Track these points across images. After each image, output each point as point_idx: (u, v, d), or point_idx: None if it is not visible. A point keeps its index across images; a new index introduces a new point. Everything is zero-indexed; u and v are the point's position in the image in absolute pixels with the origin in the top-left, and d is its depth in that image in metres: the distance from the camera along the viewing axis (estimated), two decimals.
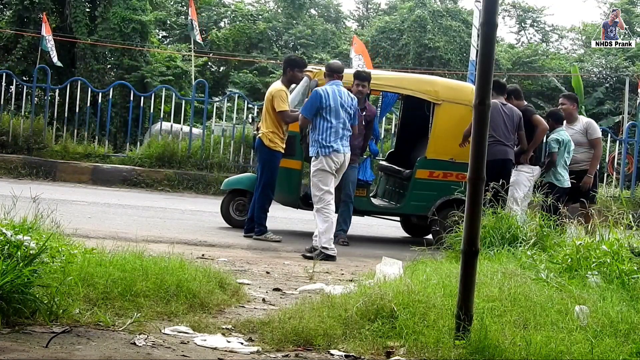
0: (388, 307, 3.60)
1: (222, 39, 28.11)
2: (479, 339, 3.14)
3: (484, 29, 3.28)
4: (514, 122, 7.47)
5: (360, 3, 36.68)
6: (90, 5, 21.43)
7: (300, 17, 30.41)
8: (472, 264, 3.29)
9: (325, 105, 6.55)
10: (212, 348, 3.29)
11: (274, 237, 7.25)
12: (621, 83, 24.76)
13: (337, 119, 6.59)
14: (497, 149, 7.26)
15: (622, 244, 4.77)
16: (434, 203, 7.75)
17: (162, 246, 5.68)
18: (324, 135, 6.58)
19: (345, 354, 3.29)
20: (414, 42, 26.44)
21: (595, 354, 3.15)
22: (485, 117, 3.28)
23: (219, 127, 14.26)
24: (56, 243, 3.98)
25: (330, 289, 4.62)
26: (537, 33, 36.43)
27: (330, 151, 6.56)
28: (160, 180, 12.04)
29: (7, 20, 20.70)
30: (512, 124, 7.45)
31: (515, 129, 7.51)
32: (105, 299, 3.66)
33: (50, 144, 12.68)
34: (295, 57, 7.74)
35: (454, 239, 5.76)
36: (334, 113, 6.58)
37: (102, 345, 3.09)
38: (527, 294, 3.87)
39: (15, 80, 13.64)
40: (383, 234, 9.01)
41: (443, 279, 4.26)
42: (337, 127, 6.60)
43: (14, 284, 3.17)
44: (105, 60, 21.13)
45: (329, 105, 6.55)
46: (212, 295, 4.08)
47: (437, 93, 7.91)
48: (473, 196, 3.26)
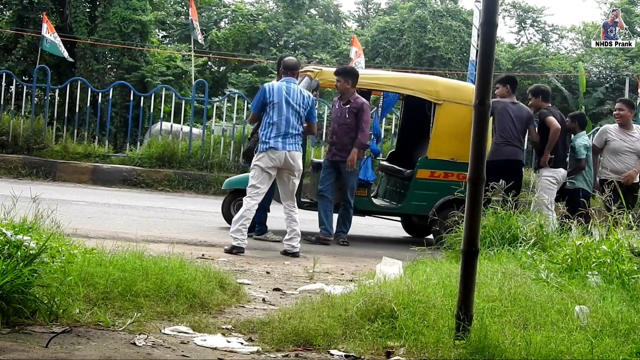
0: (388, 307, 3.60)
1: (222, 38, 28.11)
2: (479, 339, 3.14)
3: (484, 28, 3.28)
4: (523, 122, 7.48)
5: (360, 3, 36.67)
6: (90, 5, 21.43)
7: (300, 17, 30.40)
8: (472, 264, 3.29)
9: (269, 101, 6.48)
10: (212, 348, 3.29)
11: (274, 237, 7.26)
12: (621, 83, 24.75)
13: (280, 115, 6.45)
14: (508, 149, 7.27)
15: (622, 244, 4.76)
16: (434, 203, 7.75)
17: (162, 246, 5.68)
18: (265, 131, 6.50)
19: (345, 354, 3.29)
20: (414, 42, 26.43)
21: (595, 354, 3.15)
22: (485, 117, 3.28)
23: (219, 127, 14.26)
24: (56, 243, 3.98)
25: (330, 289, 4.62)
26: (537, 33, 36.43)
27: (267, 147, 6.42)
28: (160, 180, 12.04)
29: (7, 20, 20.70)
30: (522, 123, 7.46)
31: (525, 128, 7.53)
32: (105, 299, 3.66)
33: (50, 144, 12.68)
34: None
35: (454, 239, 5.76)
36: (277, 109, 6.45)
37: (102, 345, 3.09)
38: (527, 294, 3.87)
39: (15, 80, 13.64)
40: (383, 234, 9.01)
41: (443, 279, 4.26)
42: (280, 124, 6.45)
43: (14, 284, 3.17)
44: (105, 60, 21.13)
45: (272, 100, 6.46)
46: (212, 295, 4.08)
47: (438, 93, 7.91)
48: (473, 196, 3.26)
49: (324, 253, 6.87)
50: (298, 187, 7.70)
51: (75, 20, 20.08)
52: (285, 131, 6.46)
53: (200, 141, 12.83)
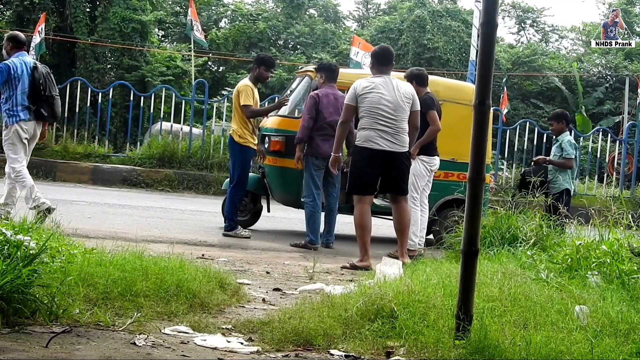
0: (388, 307, 3.60)
1: (222, 38, 28.12)
2: (479, 339, 3.14)
3: (484, 28, 3.28)
4: None
5: (360, 3, 36.67)
6: (90, 5, 21.43)
7: (300, 17, 30.41)
8: (472, 264, 3.29)
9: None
10: (212, 348, 3.29)
11: (243, 233, 7.30)
12: (621, 83, 24.76)
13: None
14: None
15: (622, 244, 4.77)
16: (434, 203, 7.75)
17: (162, 246, 5.68)
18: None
19: (345, 354, 3.29)
20: (413, 42, 26.42)
21: (595, 354, 3.14)
22: (485, 117, 3.28)
23: (219, 127, 14.27)
24: (56, 243, 3.98)
25: (330, 289, 4.62)
26: (537, 33, 36.45)
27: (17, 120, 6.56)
28: (160, 180, 12.04)
29: (7, 20, 20.70)
30: None
31: None
32: (105, 299, 3.66)
33: (50, 144, 12.69)
34: (264, 55, 7.77)
35: (454, 239, 5.77)
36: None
37: (102, 345, 3.09)
38: (527, 294, 3.87)
39: None
40: (383, 234, 9.00)
41: (443, 279, 4.26)
42: None
43: (14, 284, 3.17)
44: (105, 60, 21.13)
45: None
46: (212, 295, 4.08)
47: (438, 93, 7.90)
48: (473, 196, 3.26)
49: (324, 253, 6.88)
50: (298, 186, 7.72)
51: (75, 20, 20.09)
52: None
53: (200, 141, 12.84)
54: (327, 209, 7.32)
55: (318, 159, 7.09)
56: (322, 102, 7.06)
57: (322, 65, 7.49)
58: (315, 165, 7.12)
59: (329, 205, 7.32)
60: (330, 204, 7.31)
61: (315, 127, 7.05)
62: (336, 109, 7.04)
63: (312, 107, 7.04)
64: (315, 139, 7.07)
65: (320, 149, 7.06)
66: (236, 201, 7.41)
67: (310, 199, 7.14)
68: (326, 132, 7.06)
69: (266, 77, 7.54)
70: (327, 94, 7.11)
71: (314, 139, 7.07)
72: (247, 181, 7.50)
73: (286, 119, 7.96)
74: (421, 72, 7.18)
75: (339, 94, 7.22)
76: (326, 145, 7.02)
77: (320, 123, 7.06)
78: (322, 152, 7.05)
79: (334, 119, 6.95)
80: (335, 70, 7.37)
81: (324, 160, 7.02)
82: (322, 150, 7.06)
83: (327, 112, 7.05)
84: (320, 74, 7.30)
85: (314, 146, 7.09)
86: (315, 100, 7.06)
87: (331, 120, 7.01)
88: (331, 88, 7.20)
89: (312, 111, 7.02)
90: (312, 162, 7.11)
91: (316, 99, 7.06)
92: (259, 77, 7.51)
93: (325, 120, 7.05)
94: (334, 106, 7.07)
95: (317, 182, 7.16)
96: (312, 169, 7.12)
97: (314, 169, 7.12)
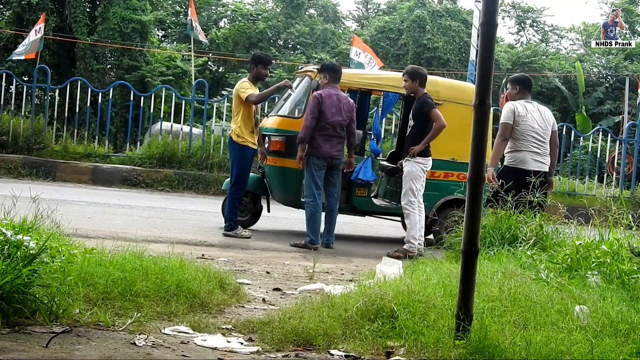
0: (388, 307, 3.60)
1: (222, 38, 28.12)
2: (479, 339, 3.14)
3: (484, 28, 3.27)
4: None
5: (360, 3, 36.68)
6: (90, 5, 21.45)
7: (299, 17, 30.42)
8: (472, 264, 3.28)
9: None
10: (212, 348, 3.29)
11: (243, 234, 7.31)
12: (621, 83, 24.76)
13: None
14: None
15: (622, 244, 4.76)
16: (434, 203, 7.75)
17: (162, 246, 5.68)
18: None
19: (345, 354, 3.29)
20: (413, 42, 26.43)
21: (595, 354, 3.14)
22: (485, 117, 3.28)
23: (219, 127, 14.27)
24: (56, 243, 3.98)
25: (330, 289, 4.62)
26: (537, 33, 36.45)
27: None
28: (160, 180, 12.04)
29: (7, 20, 20.70)
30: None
31: None
32: (105, 299, 3.66)
33: (50, 144, 12.69)
34: (260, 53, 7.85)
35: (454, 239, 5.76)
36: None
37: (102, 345, 3.09)
38: (527, 294, 3.87)
39: (15, 80, 13.64)
40: (383, 234, 9.01)
41: (443, 279, 4.26)
42: None
43: (14, 284, 3.17)
44: (105, 60, 21.15)
45: None
46: (212, 295, 4.08)
47: (438, 93, 7.91)
48: (473, 196, 3.26)
49: (324, 253, 6.88)
50: (298, 186, 7.72)
51: (75, 20, 20.10)
52: None
53: (200, 141, 12.83)
54: (327, 209, 7.32)
55: (319, 159, 7.09)
56: (325, 102, 7.07)
57: (325, 65, 7.48)
58: (316, 165, 7.12)
59: (329, 206, 7.31)
60: (331, 204, 7.31)
61: (317, 127, 7.06)
62: (339, 110, 7.08)
63: (315, 107, 7.05)
64: (317, 139, 7.08)
65: (321, 149, 7.07)
66: (235, 201, 7.41)
67: (310, 199, 7.14)
68: (328, 133, 7.08)
69: (264, 74, 7.58)
70: (330, 95, 7.12)
71: (316, 139, 7.08)
72: (246, 181, 7.50)
73: (286, 119, 7.97)
74: (424, 72, 7.22)
75: (342, 95, 7.24)
76: (327, 145, 7.05)
77: (322, 123, 7.06)
78: (323, 152, 7.06)
79: (336, 119, 7.03)
80: (339, 70, 7.38)
81: (325, 160, 7.05)
82: (323, 151, 7.07)
83: (330, 113, 7.06)
84: (323, 74, 7.30)
85: (316, 146, 7.10)
86: (318, 101, 7.07)
87: (333, 121, 7.05)
88: (334, 89, 7.21)
89: (315, 111, 7.04)
90: (313, 162, 7.11)
91: (319, 99, 7.07)
92: (258, 76, 7.55)
93: (328, 120, 7.06)
94: (337, 107, 7.09)
95: (317, 182, 7.16)
96: (313, 169, 7.12)
97: (315, 169, 7.12)
